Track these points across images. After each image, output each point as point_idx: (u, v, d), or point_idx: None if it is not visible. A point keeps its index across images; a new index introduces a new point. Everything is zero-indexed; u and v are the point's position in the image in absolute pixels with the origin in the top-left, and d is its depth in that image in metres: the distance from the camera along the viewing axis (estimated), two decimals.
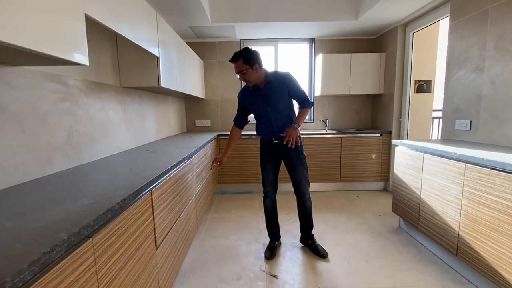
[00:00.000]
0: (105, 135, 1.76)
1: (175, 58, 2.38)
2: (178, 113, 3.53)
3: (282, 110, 1.88)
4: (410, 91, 3.18)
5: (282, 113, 1.88)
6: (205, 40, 3.70)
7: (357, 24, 3.20)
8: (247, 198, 3.30)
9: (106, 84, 1.79)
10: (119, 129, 1.95)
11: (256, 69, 1.76)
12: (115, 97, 1.90)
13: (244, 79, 1.80)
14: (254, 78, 1.79)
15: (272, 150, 1.97)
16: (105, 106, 1.77)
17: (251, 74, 1.75)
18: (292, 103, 1.95)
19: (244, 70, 1.73)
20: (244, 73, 1.75)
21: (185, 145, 2.32)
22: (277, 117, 1.88)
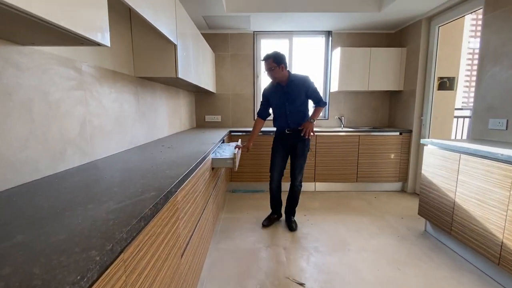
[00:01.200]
0: (119, 128, 1.61)
1: (191, 47, 2.23)
2: (188, 107, 3.38)
3: (298, 107, 2.23)
4: (433, 88, 3.02)
5: (298, 109, 2.23)
6: (217, 31, 3.53)
7: (379, 17, 3.03)
8: (259, 197, 3.16)
9: (120, 73, 1.64)
10: (133, 122, 1.81)
11: (282, 68, 2.14)
12: (129, 88, 1.75)
13: (272, 75, 2.16)
14: (280, 76, 2.15)
15: (283, 139, 2.33)
16: (120, 97, 1.62)
17: (278, 71, 2.13)
18: (307, 103, 2.29)
19: (273, 67, 2.10)
20: (272, 70, 2.12)
21: (201, 140, 2.18)
22: (293, 112, 2.24)
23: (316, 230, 2.32)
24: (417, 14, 2.96)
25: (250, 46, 3.60)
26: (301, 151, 2.29)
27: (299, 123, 2.25)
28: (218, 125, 3.75)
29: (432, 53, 2.97)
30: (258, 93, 3.74)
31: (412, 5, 2.71)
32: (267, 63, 2.12)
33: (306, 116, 2.28)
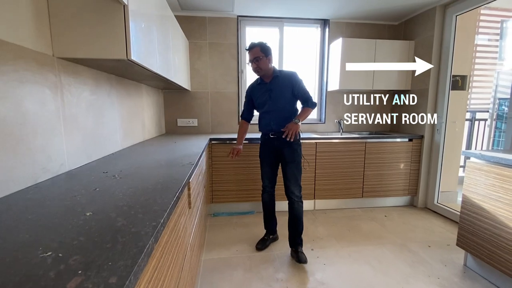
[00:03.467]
0: (14, 144, 0.88)
1: (156, 23, 1.52)
2: (155, 108, 2.63)
3: (282, 107, 1.92)
4: (449, 88, 2.60)
5: (282, 109, 1.93)
6: (191, 13, 2.83)
7: (386, 2, 2.55)
8: (249, 221, 2.51)
9: (16, 45, 0.90)
10: (51, 133, 1.07)
11: (269, 60, 1.88)
12: (41, 75, 1.01)
13: (257, 66, 1.85)
14: (266, 67, 1.87)
15: (268, 144, 2.03)
16: (13, 90, 0.88)
17: (264, 62, 1.85)
18: (294, 103, 1.96)
19: (260, 57, 1.83)
20: (259, 61, 1.83)
21: (171, 157, 1.48)
22: (277, 112, 1.94)
23: (332, 273, 1.73)
24: (431, 1, 2.52)
25: (233, 34, 2.94)
26: (289, 157, 1.94)
27: (283, 125, 1.91)
28: (194, 131, 3.04)
29: (449, 47, 2.55)
30: (243, 91, 3.09)
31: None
32: (253, 52, 1.84)
33: (289, 121, 1.91)
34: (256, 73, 1.92)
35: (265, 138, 2.05)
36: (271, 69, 1.90)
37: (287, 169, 1.96)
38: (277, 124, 1.93)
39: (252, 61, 1.85)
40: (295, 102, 1.96)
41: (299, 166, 1.96)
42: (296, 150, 1.94)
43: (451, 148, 2.76)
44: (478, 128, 3.71)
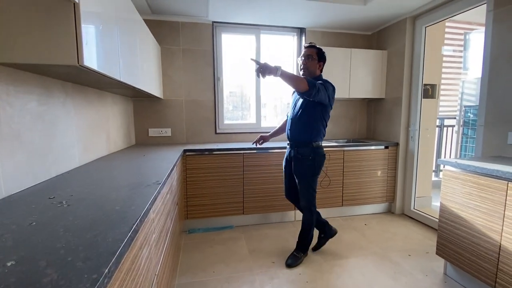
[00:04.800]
0: None
1: (119, 26, 1.37)
2: (123, 118, 2.42)
3: (300, 115, 1.87)
4: (420, 96, 2.68)
5: (300, 118, 1.88)
6: (164, 18, 2.68)
7: (362, 12, 2.59)
8: (227, 237, 2.37)
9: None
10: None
11: (319, 66, 1.89)
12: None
13: (305, 64, 1.85)
14: (312, 69, 1.86)
15: (287, 153, 2.04)
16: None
17: (313, 64, 1.85)
18: (314, 114, 1.85)
19: (313, 57, 1.84)
20: (309, 59, 1.84)
21: (137, 174, 1.32)
22: (294, 120, 1.92)
23: None
24: (402, 12, 2.60)
25: (209, 40, 2.83)
26: (297, 170, 1.91)
27: (297, 136, 1.90)
28: (167, 141, 2.86)
29: (419, 57, 2.63)
30: (219, 99, 2.97)
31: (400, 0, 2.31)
32: (309, 50, 1.84)
33: (309, 131, 1.86)
34: (301, 70, 1.88)
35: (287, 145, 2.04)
36: (316, 74, 1.87)
37: (297, 182, 1.94)
38: (292, 133, 1.92)
39: (303, 57, 1.84)
40: (316, 114, 1.83)
41: (307, 180, 1.89)
42: (304, 162, 1.87)
43: (424, 154, 2.84)
44: (446, 134, 3.89)
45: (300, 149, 1.89)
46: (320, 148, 1.90)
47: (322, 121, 1.88)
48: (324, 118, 1.88)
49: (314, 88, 1.64)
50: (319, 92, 1.67)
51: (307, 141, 1.87)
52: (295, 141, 1.92)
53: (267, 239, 2.33)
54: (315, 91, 1.65)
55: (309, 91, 1.64)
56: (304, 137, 1.88)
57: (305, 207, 1.96)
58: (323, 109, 1.84)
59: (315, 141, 1.87)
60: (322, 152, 1.91)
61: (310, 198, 1.93)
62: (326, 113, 1.87)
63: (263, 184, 2.54)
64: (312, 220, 1.96)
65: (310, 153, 1.86)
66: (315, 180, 1.92)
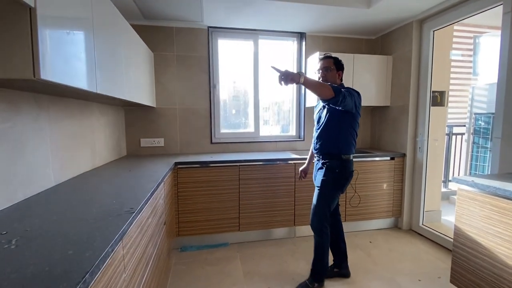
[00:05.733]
0: None
1: (95, 32, 1.24)
2: (112, 128, 2.29)
3: (326, 126, 1.75)
4: (429, 104, 2.51)
5: (326, 129, 1.75)
6: (156, 23, 2.56)
7: (366, 15, 2.44)
8: (221, 256, 2.20)
9: None
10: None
11: (339, 75, 1.78)
12: None
13: (324, 77, 1.75)
14: (332, 81, 1.73)
15: (315, 166, 1.91)
16: None
17: (333, 75, 1.75)
18: (345, 125, 1.70)
19: (331, 67, 1.74)
20: (328, 70, 1.74)
21: (110, 198, 1.17)
22: (321, 131, 1.79)
23: None
24: (409, 15, 2.45)
25: (204, 46, 2.71)
26: (318, 179, 1.78)
27: (325, 149, 1.76)
28: (160, 152, 2.72)
29: (427, 62, 2.47)
30: (215, 107, 2.84)
31: (407, 2, 2.16)
32: (326, 61, 1.75)
33: (337, 143, 1.72)
34: None
35: None
36: (337, 85, 1.70)
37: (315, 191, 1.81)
38: (319, 146, 1.79)
39: (321, 70, 1.75)
40: (345, 125, 1.70)
41: (323, 194, 1.74)
42: (326, 173, 1.73)
43: (433, 165, 2.66)
44: (455, 142, 3.70)
45: (328, 162, 1.74)
46: (349, 162, 1.73)
47: (351, 132, 1.72)
48: (353, 128, 1.72)
49: (340, 94, 1.49)
50: (346, 99, 1.53)
51: (336, 154, 1.72)
52: (323, 154, 1.77)
53: (264, 259, 2.16)
54: (341, 97, 1.50)
55: (335, 98, 1.49)
56: (332, 150, 1.73)
57: (315, 228, 1.77)
58: (351, 118, 1.69)
59: (345, 154, 1.71)
60: (351, 168, 1.74)
61: (323, 217, 1.74)
62: (355, 123, 1.72)
63: (260, 198, 2.38)
64: (324, 243, 1.75)
65: (337, 165, 1.71)
66: (334, 196, 1.74)
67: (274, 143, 2.98)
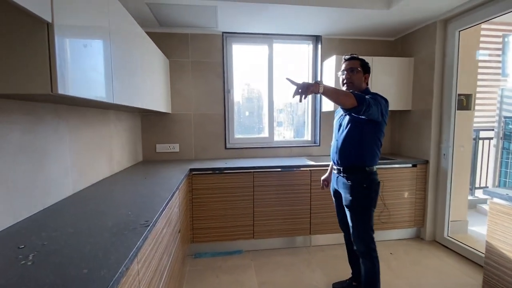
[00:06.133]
0: None
1: (112, 42, 1.25)
2: (129, 135, 2.33)
3: (347, 135, 1.59)
4: (454, 108, 2.37)
5: (347, 139, 1.59)
6: (172, 30, 2.59)
7: (385, 17, 2.35)
8: (236, 264, 2.17)
9: None
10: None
11: (366, 78, 1.64)
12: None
13: (349, 78, 1.60)
14: (358, 83, 1.60)
15: (333, 179, 1.77)
16: None
17: (359, 77, 1.61)
18: (368, 134, 1.54)
19: (358, 68, 1.60)
20: (353, 71, 1.60)
21: (125, 209, 1.17)
22: (342, 141, 1.62)
23: None
24: (432, 15, 2.33)
25: (219, 51, 2.70)
26: (348, 202, 1.59)
27: (346, 160, 1.61)
28: (176, 157, 2.74)
29: (452, 64, 2.33)
30: (230, 113, 2.83)
31: (430, 2, 2.05)
32: (351, 62, 1.62)
33: (359, 153, 1.56)
34: (344, 86, 1.62)
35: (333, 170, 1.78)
36: (362, 89, 1.60)
37: (346, 213, 1.64)
38: (339, 157, 1.63)
39: (346, 71, 1.61)
40: (369, 134, 1.54)
41: (360, 216, 1.57)
42: (355, 193, 1.56)
43: (458, 173, 2.50)
44: (482, 147, 3.48)
45: (351, 176, 1.59)
46: (374, 174, 1.59)
47: (376, 141, 1.56)
48: (378, 137, 1.56)
49: (363, 103, 1.36)
50: (370, 107, 1.39)
51: (359, 166, 1.57)
52: (344, 166, 1.62)
53: (279, 269, 2.11)
54: (365, 106, 1.37)
55: (358, 107, 1.36)
56: (354, 161, 1.58)
57: (363, 253, 1.58)
58: (376, 126, 1.53)
59: (369, 166, 1.56)
60: (377, 179, 1.59)
61: (368, 239, 1.55)
62: (379, 131, 1.56)
63: (275, 206, 2.34)
64: (376, 268, 1.56)
65: (363, 180, 1.55)
66: (371, 214, 1.56)
67: (288, 149, 2.92)
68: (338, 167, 1.66)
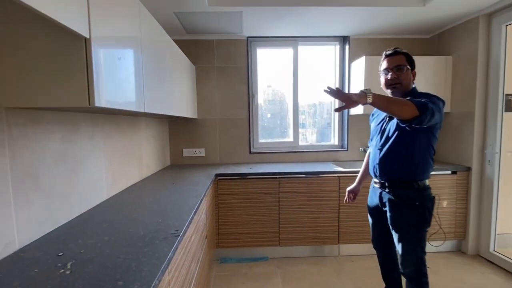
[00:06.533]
0: None
1: (143, 52, 1.28)
2: (157, 141, 2.40)
3: (396, 145, 1.35)
4: (501, 110, 2.15)
5: (394, 147, 1.36)
6: (198, 37, 2.64)
7: (420, 14, 2.20)
8: (262, 271, 2.14)
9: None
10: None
11: (413, 76, 1.41)
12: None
13: (397, 79, 1.36)
14: (407, 83, 1.37)
15: (372, 193, 1.58)
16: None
17: (407, 76, 1.37)
18: (421, 142, 1.32)
19: (407, 67, 1.37)
20: (401, 70, 1.36)
21: (156, 216, 1.18)
22: (386, 151, 1.39)
23: None
24: (473, 10, 2.14)
25: (243, 56, 2.71)
26: (397, 222, 1.39)
27: (391, 172, 1.39)
28: (201, 161, 2.77)
29: (498, 62, 2.12)
30: (255, 117, 2.81)
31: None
32: (396, 59, 1.37)
33: (410, 165, 1.33)
34: (390, 88, 1.39)
35: (371, 182, 1.58)
36: (409, 89, 1.38)
37: (394, 234, 1.43)
38: (383, 168, 1.41)
39: (390, 70, 1.37)
40: (422, 141, 1.31)
41: (411, 238, 1.35)
42: (406, 212, 1.35)
43: (506, 181, 2.25)
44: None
45: (399, 191, 1.38)
46: (428, 188, 1.37)
47: (429, 149, 1.34)
48: (431, 145, 1.34)
49: (426, 112, 1.13)
50: (434, 115, 1.17)
51: (409, 180, 1.35)
52: (389, 180, 1.41)
53: (306, 279, 2.04)
54: (429, 115, 1.14)
55: (420, 117, 1.14)
56: (403, 174, 1.35)
57: (411, 278, 1.38)
58: (431, 133, 1.31)
59: (421, 179, 1.35)
60: (431, 194, 1.37)
61: (419, 263, 1.36)
62: (434, 138, 1.34)
63: (301, 213, 2.27)
64: None
65: (415, 196, 1.34)
66: (425, 235, 1.36)
67: (314, 153, 2.84)
68: (381, 181, 1.45)
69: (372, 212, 1.61)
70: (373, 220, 1.63)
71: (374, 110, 1.63)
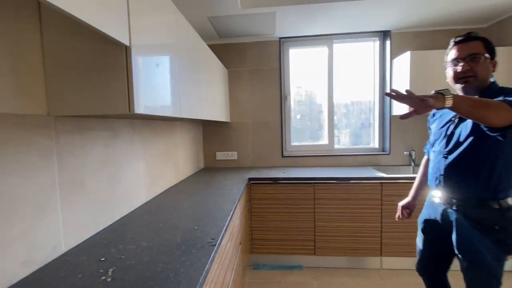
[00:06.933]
0: None
1: (180, 58, 1.29)
2: (192, 144, 2.44)
3: (472, 152, 1.09)
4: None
5: (472, 157, 1.09)
6: (230, 41, 2.64)
7: (475, 1, 1.95)
8: (296, 281, 2.04)
9: None
10: (38, 212, 0.85)
11: (493, 66, 1.12)
12: (32, 142, 0.82)
13: (471, 70, 1.08)
14: (484, 75, 1.09)
15: (431, 207, 1.29)
16: None
17: (485, 66, 1.08)
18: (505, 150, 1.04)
19: (485, 56, 1.08)
20: (476, 60, 1.08)
21: (192, 223, 1.17)
22: (457, 158, 1.13)
23: None
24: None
25: (275, 58, 2.65)
26: (467, 246, 1.11)
27: (462, 187, 1.12)
28: (234, 164, 2.76)
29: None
30: (286, 120, 2.73)
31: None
32: (472, 46, 1.10)
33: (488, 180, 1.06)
34: (460, 82, 1.13)
35: (429, 195, 1.33)
36: (487, 83, 1.11)
37: (460, 264, 1.16)
38: (451, 181, 1.16)
39: (462, 59, 1.11)
40: (506, 150, 1.05)
41: (484, 267, 1.08)
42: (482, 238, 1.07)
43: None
44: None
45: (473, 211, 1.11)
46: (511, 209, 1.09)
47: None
48: None
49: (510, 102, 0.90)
50: None
51: (487, 198, 1.08)
52: (460, 197, 1.14)
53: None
54: None
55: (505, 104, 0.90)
56: (481, 192, 1.09)
57: None
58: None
59: (503, 198, 1.08)
60: None
61: None
62: None
63: (339, 221, 2.13)
64: None
65: (495, 219, 1.08)
66: (503, 264, 1.08)
67: (352, 157, 2.67)
68: (447, 196, 1.18)
69: (426, 229, 1.33)
70: (425, 238, 1.34)
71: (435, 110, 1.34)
